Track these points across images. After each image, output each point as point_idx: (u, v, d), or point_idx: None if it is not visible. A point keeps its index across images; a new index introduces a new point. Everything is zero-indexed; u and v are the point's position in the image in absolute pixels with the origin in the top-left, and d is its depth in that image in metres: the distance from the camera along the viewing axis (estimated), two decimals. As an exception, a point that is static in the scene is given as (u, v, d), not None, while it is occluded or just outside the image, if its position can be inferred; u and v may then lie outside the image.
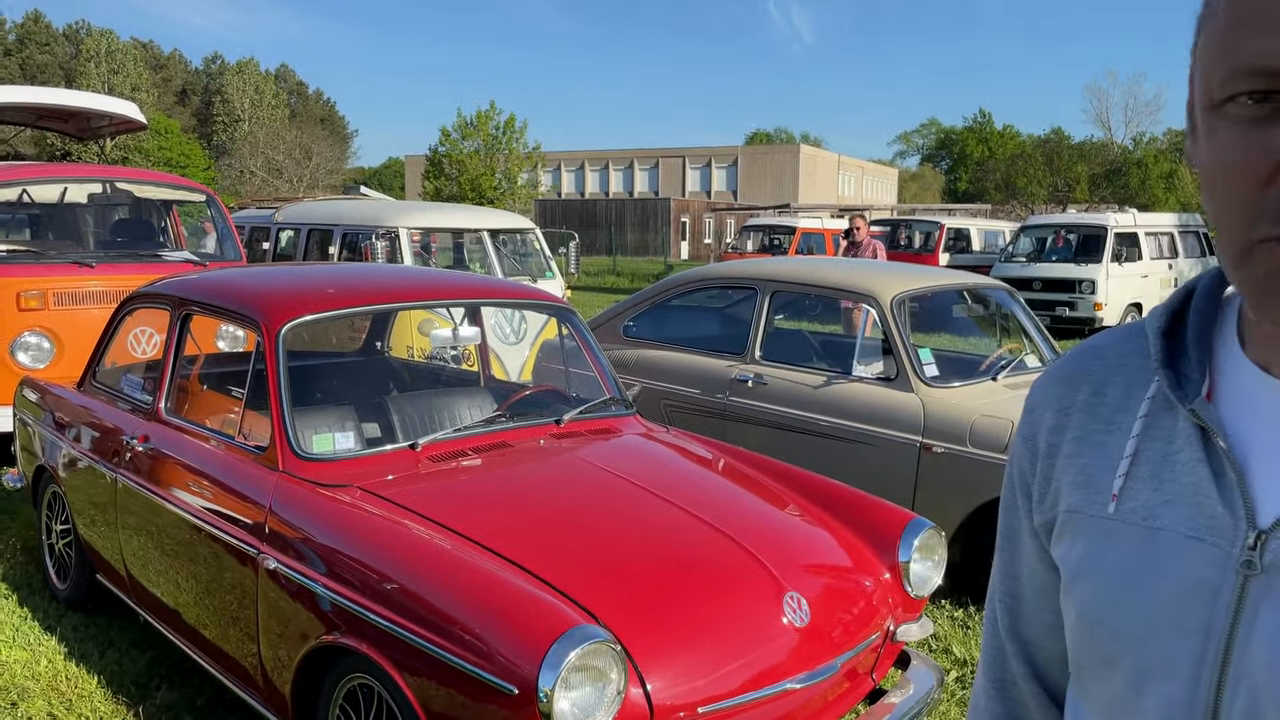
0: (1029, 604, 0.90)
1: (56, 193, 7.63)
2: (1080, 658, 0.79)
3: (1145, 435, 0.76)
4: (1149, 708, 0.72)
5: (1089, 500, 0.78)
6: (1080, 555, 0.78)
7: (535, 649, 2.21)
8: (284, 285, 3.85)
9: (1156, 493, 0.74)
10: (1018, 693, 0.92)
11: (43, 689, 3.64)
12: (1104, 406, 0.80)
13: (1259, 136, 0.62)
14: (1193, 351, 0.76)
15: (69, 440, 4.26)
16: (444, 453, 3.26)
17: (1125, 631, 0.73)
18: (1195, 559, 0.70)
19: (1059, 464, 0.82)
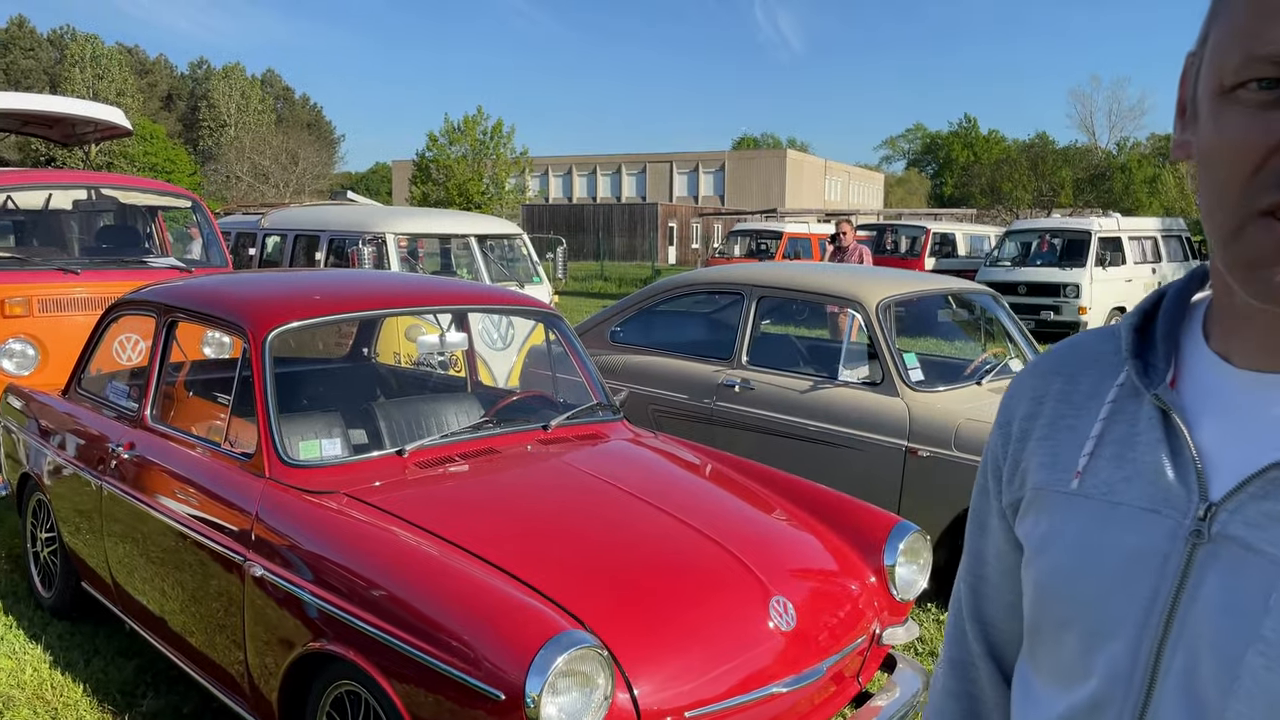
0: (992, 585, 0.95)
1: (41, 199, 7.59)
2: (1036, 624, 0.84)
3: (1111, 419, 0.81)
4: (1096, 667, 0.77)
5: (1055, 478, 0.83)
6: (1045, 529, 0.83)
7: (522, 655, 2.22)
8: (270, 292, 3.85)
9: (1118, 470, 0.79)
10: (975, 673, 0.98)
11: (28, 698, 3.62)
12: (1076, 394, 0.85)
13: (1263, 118, 0.66)
14: (1160, 345, 0.81)
15: (54, 448, 4.25)
16: (431, 459, 3.27)
17: (1080, 596, 0.78)
18: (1149, 530, 0.75)
19: (1029, 447, 0.87)
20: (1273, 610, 0.67)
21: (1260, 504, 0.70)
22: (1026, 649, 0.87)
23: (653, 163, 63.80)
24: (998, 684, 0.96)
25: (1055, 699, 0.81)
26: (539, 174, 60.86)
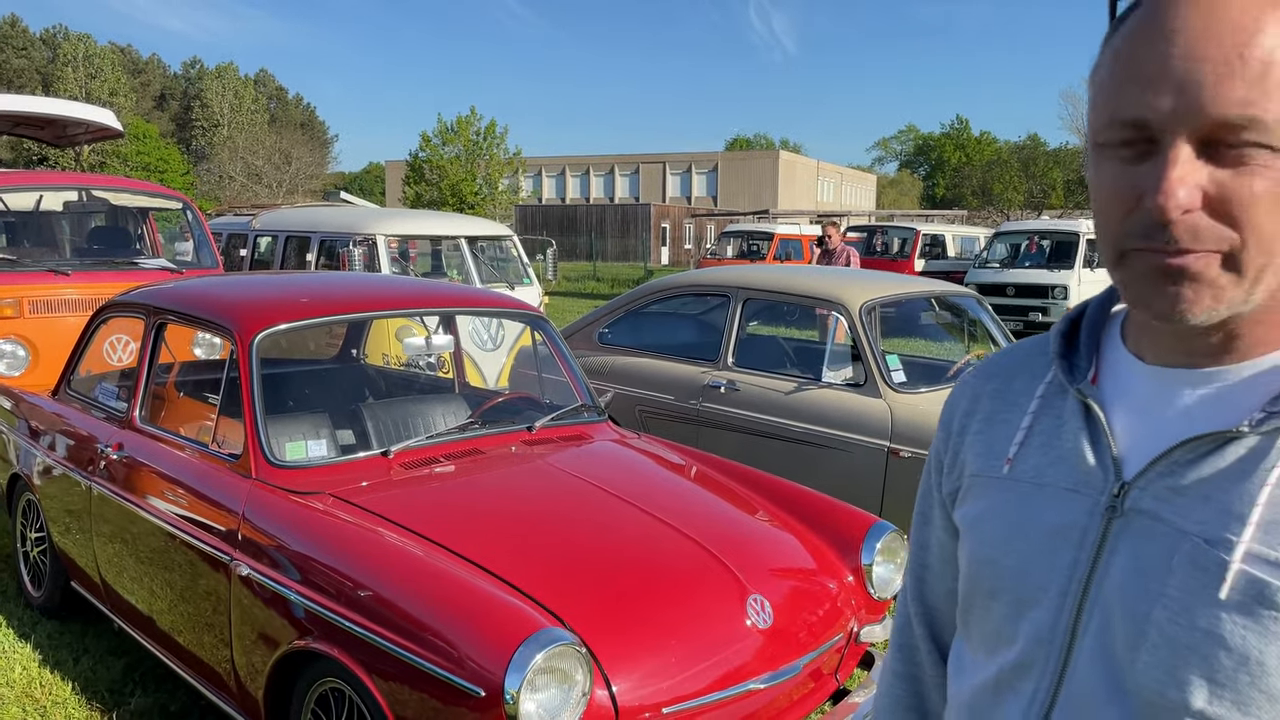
0: (934, 572, 1.04)
1: (32, 200, 7.62)
2: (969, 597, 0.92)
3: (1040, 412, 0.91)
4: (1022, 632, 0.85)
5: (989, 465, 0.93)
6: (979, 510, 0.92)
7: (501, 652, 2.26)
8: (258, 294, 3.89)
9: (1044, 456, 0.88)
10: (918, 655, 1.07)
11: (17, 696, 3.66)
12: (1010, 392, 0.95)
13: (1129, 172, 0.76)
14: (1084, 347, 0.91)
15: (43, 448, 4.28)
16: (416, 460, 3.31)
17: (1008, 568, 0.87)
18: (1071, 507, 0.84)
19: (968, 440, 0.97)
20: (1175, 571, 0.76)
21: (1165, 480, 0.79)
22: (960, 624, 0.96)
23: (646, 163, 63.86)
24: (937, 664, 1.05)
25: (985, 665, 0.89)
26: (532, 174, 60.87)
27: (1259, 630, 0.72)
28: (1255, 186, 0.72)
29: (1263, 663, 0.72)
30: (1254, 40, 0.71)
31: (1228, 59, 0.71)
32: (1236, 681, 0.73)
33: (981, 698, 0.89)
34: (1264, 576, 0.73)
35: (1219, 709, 0.74)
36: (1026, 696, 0.84)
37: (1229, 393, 0.80)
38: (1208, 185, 0.73)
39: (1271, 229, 0.73)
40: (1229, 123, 0.71)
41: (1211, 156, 0.73)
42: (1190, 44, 0.72)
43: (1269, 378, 0.78)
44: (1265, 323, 0.79)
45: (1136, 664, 0.77)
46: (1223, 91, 0.71)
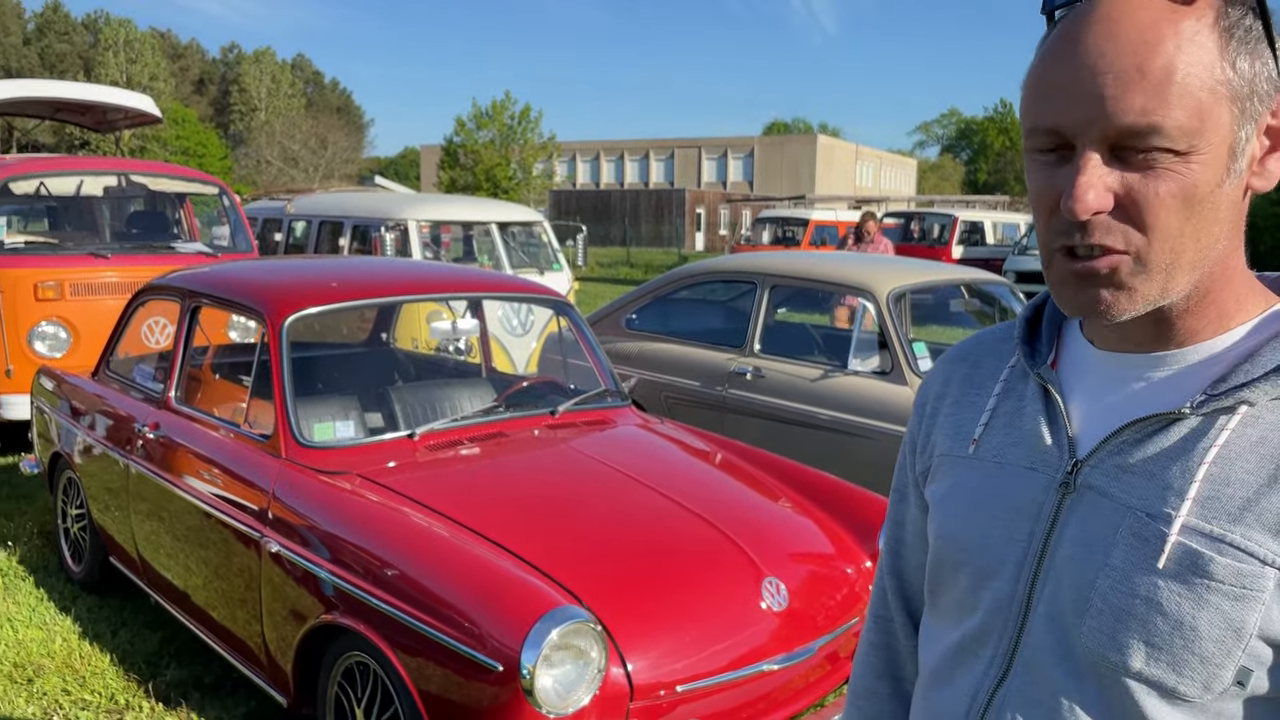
0: (908, 546, 1.10)
1: (73, 185, 7.79)
2: (936, 569, 0.97)
3: (1003, 395, 0.96)
4: (983, 602, 0.91)
5: (956, 445, 0.99)
6: (946, 488, 0.98)
7: (518, 628, 2.32)
8: (289, 278, 3.97)
9: (1006, 436, 0.94)
10: (892, 626, 1.12)
11: (57, 666, 3.78)
12: (978, 376, 1.01)
13: (1051, 175, 0.81)
14: (1045, 333, 0.96)
15: (83, 428, 4.40)
16: (441, 442, 3.38)
17: (971, 542, 0.93)
18: (1028, 484, 0.90)
19: (938, 422, 1.03)
20: (1118, 542, 0.82)
21: (1114, 458, 0.85)
22: (928, 596, 1.01)
23: (681, 148, 63.66)
24: (911, 635, 1.11)
25: (949, 633, 0.95)
26: (566, 159, 60.90)
27: (1193, 598, 0.77)
28: (1160, 189, 0.77)
29: (1195, 628, 0.77)
30: (1153, 53, 0.76)
31: (1128, 71, 0.76)
32: (1172, 645, 0.78)
33: (945, 663, 0.95)
34: (1198, 548, 0.77)
35: (1155, 670, 0.78)
36: (985, 661, 0.90)
37: (1173, 377, 0.84)
38: (1118, 188, 0.77)
39: (1176, 228, 0.78)
40: (1132, 129, 0.76)
41: (1121, 161, 0.77)
42: (1095, 59, 0.77)
43: (1207, 363, 0.83)
44: (1194, 313, 0.84)
45: (1082, 629, 0.82)
46: (1125, 101, 0.76)
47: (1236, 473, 0.78)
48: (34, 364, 5.93)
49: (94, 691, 3.60)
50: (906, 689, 1.11)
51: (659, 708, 2.51)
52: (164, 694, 3.54)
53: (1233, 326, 0.84)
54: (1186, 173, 0.77)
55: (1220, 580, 0.77)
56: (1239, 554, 0.76)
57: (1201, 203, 0.78)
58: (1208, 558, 0.77)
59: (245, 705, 3.45)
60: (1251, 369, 0.80)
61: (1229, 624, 0.76)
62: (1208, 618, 0.77)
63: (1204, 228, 0.79)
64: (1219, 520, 0.78)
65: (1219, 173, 0.78)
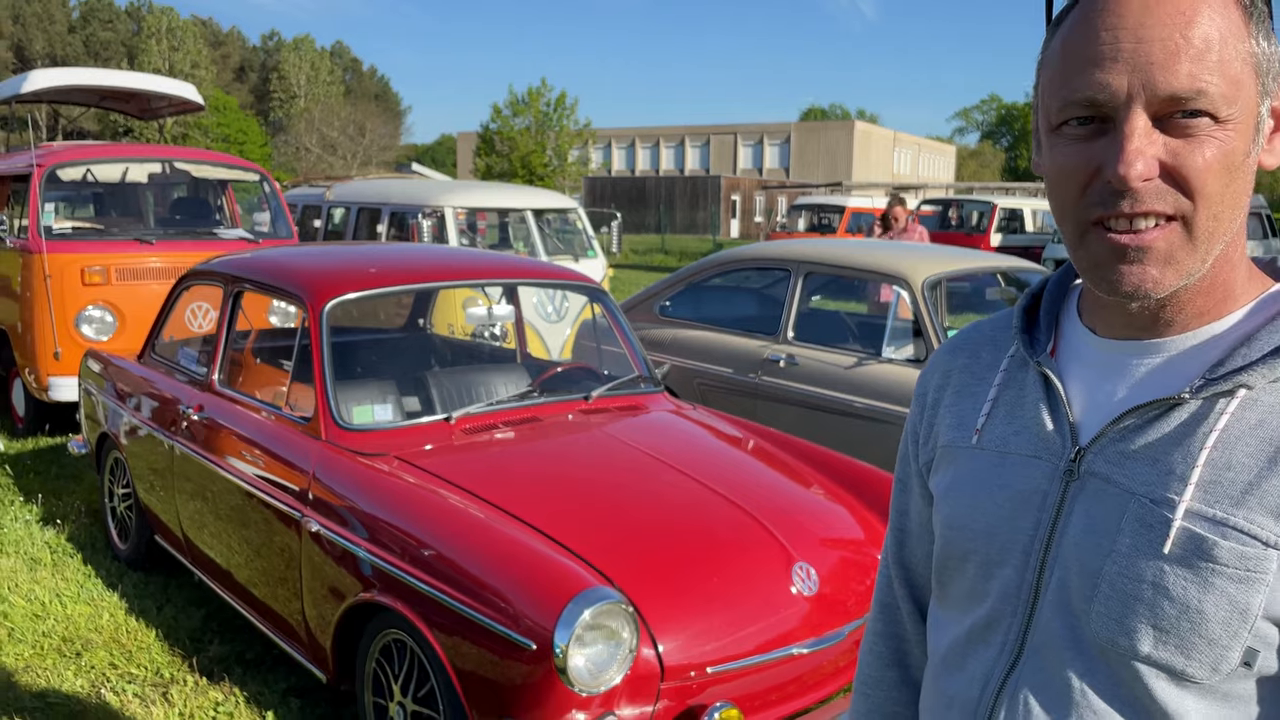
0: (913, 536, 1.11)
1: (118, 172, 7.93)
2: (943, 560, 0.99)
3: (1004, 385, 0.98)
4: (992, 590, 0.92)
5: (959, 436, 1.00)
6: (951, 479, 0.99)
7: (552, 608, 2.37)
8: (329, 264, 4.04)
9: (1009, 426, 0.95)
10: (898, 614, 1.13)
11: (105, 641, 3.90)
12: (978, 366, 1.02)
13: (1083, 150, 0.82)
14: (1044, 322, 0.97)
15: (130, 409, 4.51)
16: (477, 425, 3.43)
17: (978, 531, 0.94)
18: (1032, 473, 0.91)
19: (940, 413, 1.04)
20: (1124, 529, 0.83)
21: (1116, 445, 0.86)
22: (935, 586, 1.02)
23: (717, 134, 63.39)
24: (917, 622, 1.11)
25: (958, 622, 0.96)
26: (602, 146, 60.87)
27: (1198, 581, 0.78)
28: (1207, 153, 0.78)
29: (1202, 610, 0.78)
30: (1191, 24, 0.77)
31: (1173, 39, 0.77)
32: (1179, 628, 0.79)
33: (955, 651, 0.96)
34: (1202, 532, 0.79)
35: (1164, 653, 0.80)
36: (996, 647, 0.91)
37: (1172, 362, 0.85)
38: (1163, 155, 0.78)
39: (1218, 193, 0.79)
40: (1178, 96, 0.77)
41: (1164, 128, 0.79)
42: (1137, 27, 0.78)
43: (1208, 347, 0.84)
44: (1205, 293, 0.84)
45: (1091, 615, 0.83)
46: (1171, 67, 0.77)
47: (1237, 456, 0.80)
48: (81, 347, 6.07)
49: (140, 665, 3.70)
50: (913, 676, 1.12)
51: (689, 688, 2.54)
52: (207, 669, 3.64)
53: (1233, 310, 0.85)
54: (1225, 139, 0.78)
55: (1225, 563, 0.78)
56: (1242, 537, 0.78)
57: (1238, 169, 0.79)
58: (1212, 542, 0.78)
59: (286, 681, 3.54)
60: (1249, 352, 0.81)
61: (1234, 606, 0.77)
62: (1213, 601, 0.78)
63: (1238, 196, 0.80)
64: (1222, 504, 0.79)
65: (1248, 142, 0.80)
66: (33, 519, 5.20)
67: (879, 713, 1.14)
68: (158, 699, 3.43)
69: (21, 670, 3.66)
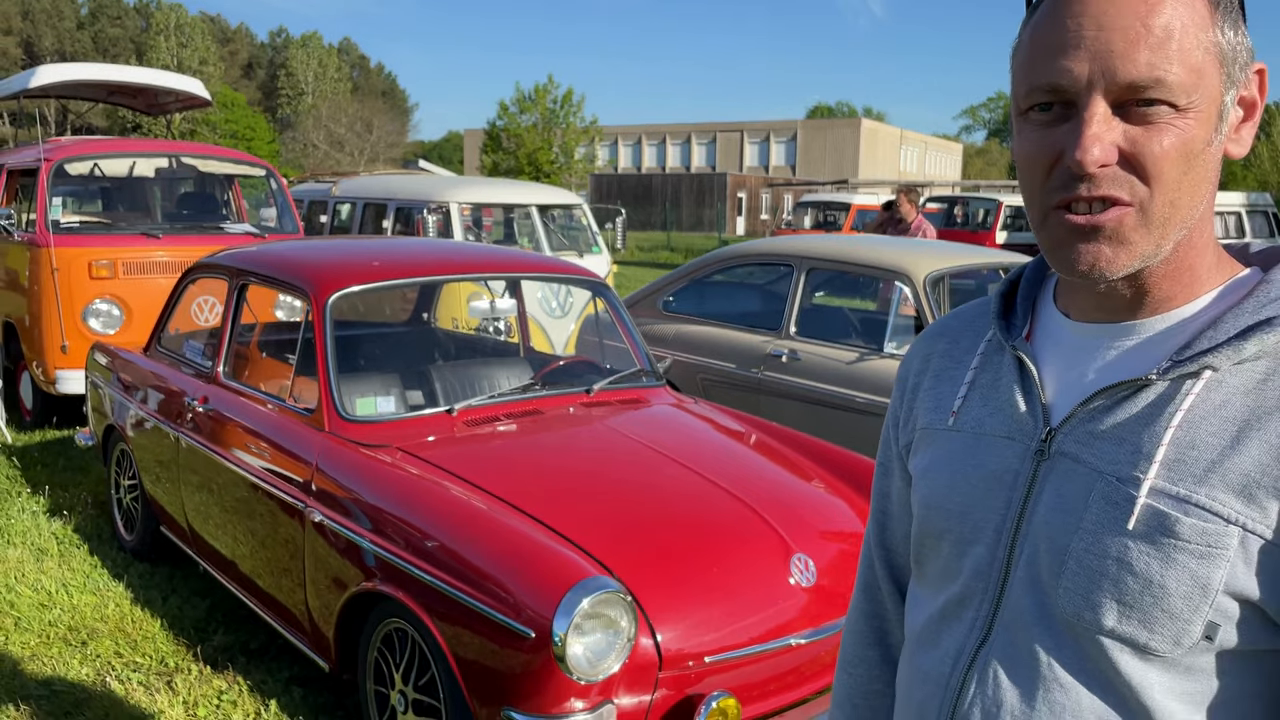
0: (894, 518, 1.13)
1: (126, 167, 7.98)
2: (920, 539, 1.01)
3: (980, 368, 1.00)
4: (965, 567, 0.94)
5: (937, 418, 1.02)
6: (928, 460, 1.02)
7: (550, 597, 2.39)
8: (333, 258, 4.06)
9: (984, 408, 0.97)
10: (879, 594, 1.16)
11: (110, 630, 3.93)
12: (957, 351, 1.04)
13: (1047, 135, 0.84)
14: (1020, 307, 0.99)
15: (136, 401, 4.55)
16: (479, 418, 3.46)
17: (953, 510, 0.96)
18: (1006, 453, 0.93)
19: (920, 397, 1.06)
20: (1091, 506, 0.85)
21: (1085, 426, 0.88)
22: (914, 565, 1.04)
23: (723, 132, 63.36)
24: (898, 602, 1.14)
25: (933, 600, 0.98)
26: (608, 143, 60.85)
27: (1161, 557, 0.80)
28: (1163, 141, 0.80)
29: (1164, 585, 0.80)
30: (1153, 13, 0.79)
31: (1134, 28, 0.79)
32: (1142, 603, 0.81)
33: (930, 627, 0.98)
34: (1165, 509, 0.81)
35: (1128, 627, 0.82)
36: (967, 623, 0.93)
37: (1141, 345, 0.87)
38: (1122, 141, 0.80)
39: (1175, 180, 0.81)
40: (1136, 84, 0.79)
41: (1124, 115, 0.80)
42: (1099, 15, 0.80)
43: (1175, 330, 0.86)
44: (1170, 277, 0.86)
45: (1059, 590, 0.85)
46: (1131, 55, 0.79)
47: (1201, 436, 0.81)
48: (88, 340, 6.11)
49: (145, 654, 3.74)
50: (894, 655, 1.14)
51: (687, 678, 2.57)
52: (212, 658, 3.67)
53: (1201, 294, 0.87)
54: (1185, 127, 0.80)
55: (1187, 540, 0.79)
56: (1204, 514, 0.79)
57: (1196, 158, 0.81)
58: (1174, 518, 0.80)
59: (289, 670, 3.57)
60: (1215, 335, 0.83)
61: (1196, 581, 0.79)
62: (1175, 576, 0.80)
63: (1197, 184, 0.82)
64: (1185, 482, 0.81)
65: (1209, 131, 0.82)
66: (39, 510, 5.25)
67: (861, 691, 1.16)
68: (162, 687, 3.47)
69: (28, 658, 3.69)
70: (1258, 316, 0.83)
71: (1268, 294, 0.84)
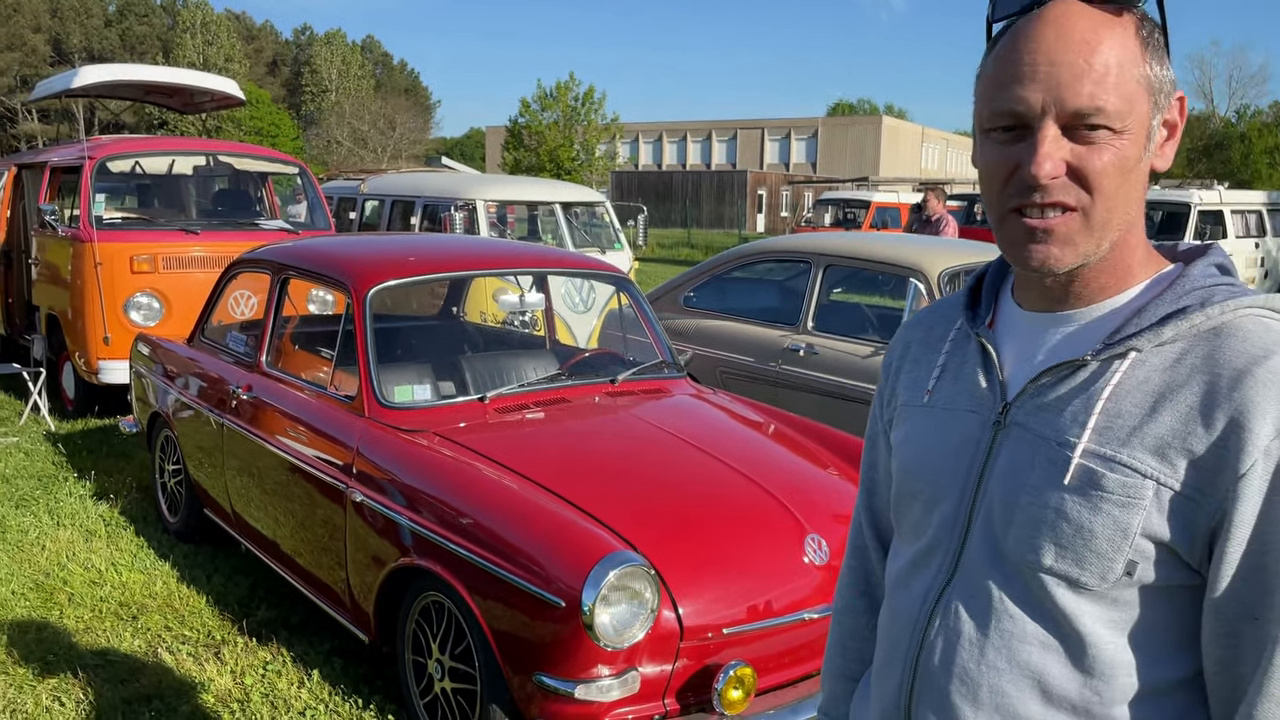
0: (880, 485, 1.29)
1: (164, 164, 8.22)
2: (898, 499, 1.18)
3: (951, 352, 1.16)
4: (934, 521, 1.10)
5: (914, 396, 1.18)
6: (905, 432, 1.18)
7: (579, 569, 2.57)
8: (371, 253, 4.26)
9: (953, 387, 1.13)
10: (867, 553, 1.32)
11: (159, 605, 4.15)
12: (932, 338, 1.20)
13: (1006, 151, 0.99)
14: (985, 298, 1.16)
15: (181, 390, 4.76)
16: (509, 405, 3.64)
17: (924, 474, 1.12)
18: (969, 424, 1.09)
19: (900, 379, 1.22)
20: (1035, 467, 1.01)
21: (1034, 400, 1.04)
22: (895, 524, 1.21)
23: (744, 129, 63.37)
24: (882, 559, 1.30)
25: (907, 550, 1.15)
26: (629, 140, 61.00)
27: (1090, 506, 0.96)
28: (1103, 158, 0.96)
29: (1092, 530, 0.96)
30: (1095, 52, 0.95)
31: (1079, 64, 0.95)
32: (1074, 545, 0.97)
33: (904, 575, 1.15)
34: (1094, 467, 0.97)
35: (1063, 565, 0.98)
36: (934, 569, 1.09)
37: (1080, 331, 1.04)
38: (1069, 158, 0.96)
39: (1113, 190, 0.97)
40: (1082, 111, 0.95)
41: (1071, 136, 0.96)
42: (1050, 53, 0.96)
43: (1108, 318, 1.02)
44: (1106, 272, 1.03)
45: (1008, 538, 1.02)
46: (1077, 87, 0.94)
47: (1126, 406, 0.97)
48: (129, 332, 6.34)
49: (192, 628, 3.95)
50: (879, 605, 1.28)
51: (707, 648, 2.74)
52: (255, 631, 3.88)
53: (1131, 286, 1.03)
54: (1121, 147, 0.96)
55: (1111, 492, 0.95)
56: (1126, 470, 0.95)
57: (1130, 172, 0.98)
58: (1101, 474, 0.96)
59: (330, 642, 3.77)
60: (1140, 321, 0.99)
61: (1118, 526, 0.95)
62: (1101, 522, 0.95)
63: (1130, 193, 0.99)
64: (1111, 444, 0.96)
65: (1140, 149, 0.98)
66: (86, 494, 5.48)
67: (850, 634, 1.34)
68: (210, 658, 3.67)
69: (82, 631, 3.91)
70: (1175, 306, 0.99)
71: (1184, 287, 1.00)
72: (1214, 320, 0.97)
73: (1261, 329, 0.96)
